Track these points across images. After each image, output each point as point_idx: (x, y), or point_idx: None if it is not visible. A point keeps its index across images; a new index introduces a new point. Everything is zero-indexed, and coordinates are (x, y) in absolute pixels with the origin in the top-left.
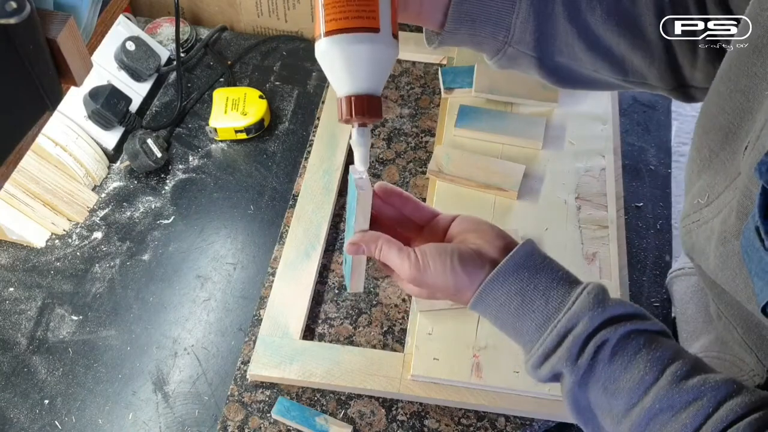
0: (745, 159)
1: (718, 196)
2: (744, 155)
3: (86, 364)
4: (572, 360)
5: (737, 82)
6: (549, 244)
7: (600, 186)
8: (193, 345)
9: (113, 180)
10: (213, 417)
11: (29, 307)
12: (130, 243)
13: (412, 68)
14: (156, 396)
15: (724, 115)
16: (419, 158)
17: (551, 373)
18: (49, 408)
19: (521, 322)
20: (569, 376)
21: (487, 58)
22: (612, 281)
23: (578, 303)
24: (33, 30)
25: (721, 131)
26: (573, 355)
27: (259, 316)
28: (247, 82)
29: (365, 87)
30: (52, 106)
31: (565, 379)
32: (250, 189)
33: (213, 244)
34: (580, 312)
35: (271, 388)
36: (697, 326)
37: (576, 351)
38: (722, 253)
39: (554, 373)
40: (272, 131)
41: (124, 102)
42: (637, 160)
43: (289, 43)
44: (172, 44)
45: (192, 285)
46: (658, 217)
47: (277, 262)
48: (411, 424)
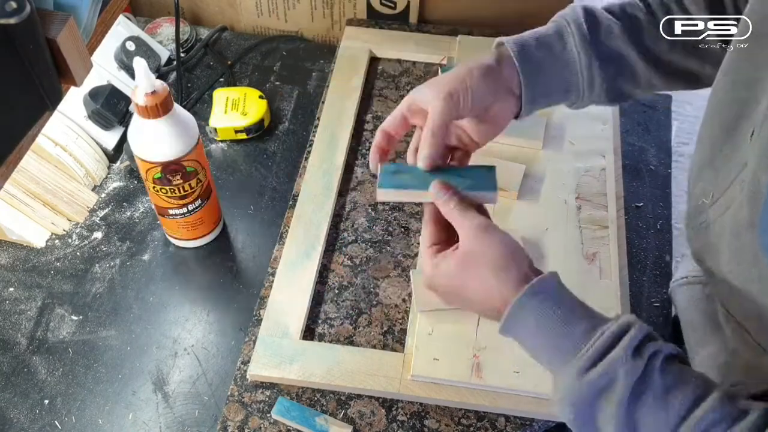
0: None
1: (724, 192)
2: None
3: (86, 364)
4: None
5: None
6: (549, 245)
7: (600, 186)
8: (193, 345)
9: (113, 180)
10: (213, 417)
11: (29, 307)
12: (130, 243)
13: (412, 68)
14: (156, 396)
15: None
16: None
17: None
18: (49, 408)
19: (568, 327)
20: (624, 378)
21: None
22: (612, 281)
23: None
24: (33, 30)
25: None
26: (629, 355)
27: (259, 316)
28: (247, 82)
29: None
30: (52, 106)
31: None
32: (250, 189)
33: (213, 243)
34: (630, 320)
35: (271, 388)
36: (705, 334)
37: (631, 352)
38: (737, 248)
39: (607, 376)
40: (272, 131)
41: (124, 102)
42: (637, 160)
43: (289, 43)
44: (172, 44)
45: (192, 285)
46: (658, 217)
47: (277, 262)
48: (411, 424)
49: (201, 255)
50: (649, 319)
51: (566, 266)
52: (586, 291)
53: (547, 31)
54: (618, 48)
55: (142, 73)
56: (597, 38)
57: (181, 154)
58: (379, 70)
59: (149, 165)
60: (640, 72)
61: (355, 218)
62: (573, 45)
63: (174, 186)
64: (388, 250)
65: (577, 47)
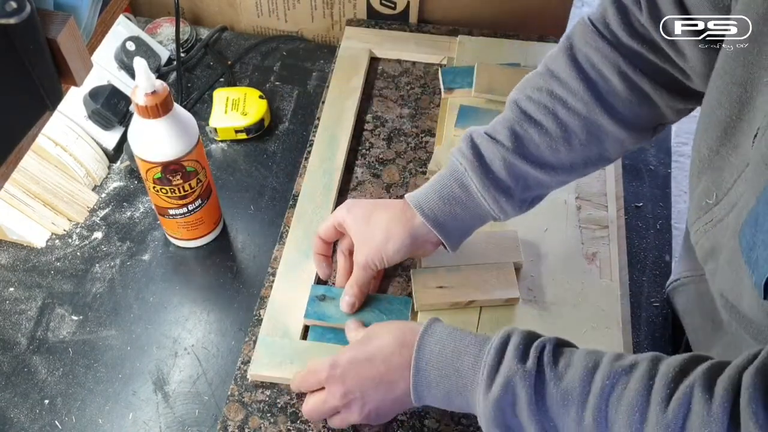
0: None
1: (728, 192)
2: (753, 144)
3: (86, 364)
4: (521, 363)
5: (734, 75)
6: (549, 245)
7: (600, 186)
8: (194, 345)
9: (113, 180)
10: (213, 417)
11: (29, 307)
12: (131, 243)
13: (412, 68)
14: (156, 396)
15: (722, 110)
16: (419, 158)
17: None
18: (49, 408)
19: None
20: (522, 386)
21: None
22: (612, 281)
23: (503, 330)
24: (33, 30)
25: (720, 126)
26: (519, 359)
27: (260, 316)
28: (247, 82)
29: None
30: (52, 106)
31: (519, 395)
32: (250, 189)
33: (213, 243)
34: (509, 330)
35: (272, 387)
36: (707, 335)
37: (520, 355)
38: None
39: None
40: (272, 131)
41: (125, 102)
42: (637, 160)
43: (289, 43)
44: (172, 44)
45: (192, 285)
46: (658, 217)
47: (277, 262)
48: (411, 424)
49: (201, 255)
50: (649, 319)
51: (566, 266)
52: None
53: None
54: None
55: (142, 73)
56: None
57: (181, 154)
58: (379, 70)
59: (149, 165)
60: (546, 181)
61: None
62: (475, 190)
63: (174, 186)
64: None
65: (479, 190)
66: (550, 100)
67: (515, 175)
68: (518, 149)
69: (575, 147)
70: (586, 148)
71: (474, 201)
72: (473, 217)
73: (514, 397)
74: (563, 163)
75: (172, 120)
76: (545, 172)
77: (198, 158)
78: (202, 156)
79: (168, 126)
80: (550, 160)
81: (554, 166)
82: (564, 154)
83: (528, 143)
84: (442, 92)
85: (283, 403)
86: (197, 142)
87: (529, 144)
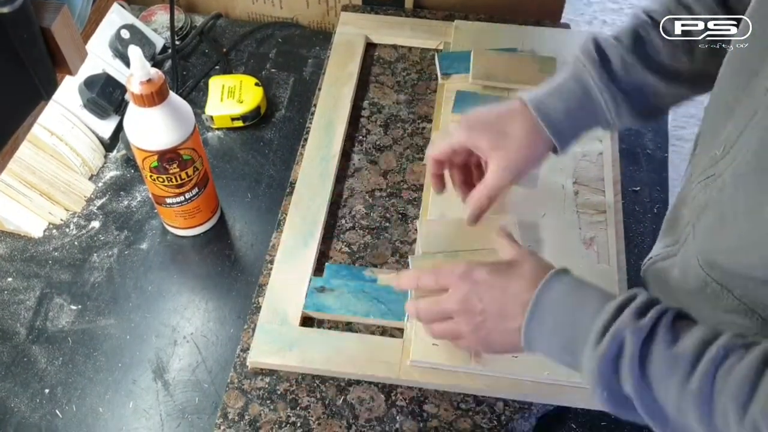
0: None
1: (734, 144)
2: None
3: (86, 353)
4: (636, 320)
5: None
6: (547, 230)
7: (597, 171)
8: (193, 333)
9: (110, 169)
10: (213, 404)
11: (28, 297)
12: (128, 232)
13: (408, 54)
14: (156, 384)
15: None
16: (416, 144)
17: (612, 344)
18: (49, 397)
19: (580, 312)
20: (631, 339)
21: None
22: (610, 266)
23: (631, 290)
24: (27, 19)
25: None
26: (636, 315)
27: (258, 303)
28: (243, 69)
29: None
30: (47, 96)
31: (626, 347)
32: (247, 177)
33: (210, 232)
34: (636, 291)
35: (271, 375)
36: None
37: (638, 313)
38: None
39: (616, 336)
40: (269, 119)
41: (120, 90)
42: (634, 145)
43: (285, 30)
44: (166, 32)
45: (190, 273)
46: (655, 201)
47: (275, 249)
48: (410, 410)
49: (199, 243)
50: None
51: (564, 251)
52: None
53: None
54: (636, 79)
55: (137, 62)
56: (614, 75)
57: (177, 143)
58: (375, 56)
59: (146, 154)
60: (663, 92)
61: (352, 205)
62: (593, 85)
63: (171, 174)
64: (386, 236)
65: (598, 87)
66: (675, 5)
67: (633, 77)
68: (638, 49)
69: (697, 58)
70: (709, 61)
71: (590, 97)
72: (588, 115)
73: (620, 350)
74: (681, 73)
75: (168, 108)
76: (662, 79)
77: (194, 146)
78: (198, 144)
79: (164, 114)
80: (670, 67)
81: (672, 75)
82: (685, 64)
83: (648, 47)
84: (439, 78)
85: (283, 390)
86: (193, 130)
87: (649, 48)
